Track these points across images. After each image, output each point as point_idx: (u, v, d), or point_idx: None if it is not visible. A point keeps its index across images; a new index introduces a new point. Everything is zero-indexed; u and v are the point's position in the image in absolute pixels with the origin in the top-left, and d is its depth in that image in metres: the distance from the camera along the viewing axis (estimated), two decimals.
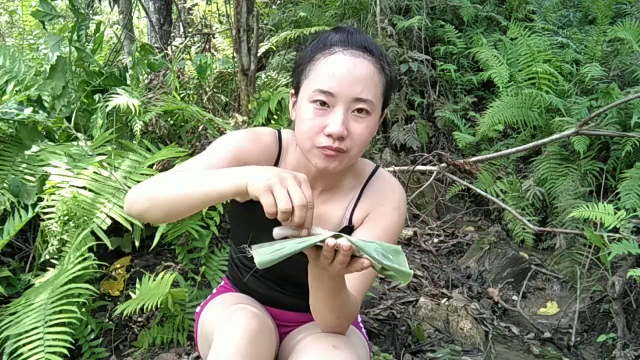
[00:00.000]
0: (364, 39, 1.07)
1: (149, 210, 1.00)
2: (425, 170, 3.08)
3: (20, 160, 2.08)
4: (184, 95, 2.78)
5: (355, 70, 1.02)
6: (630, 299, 2.32)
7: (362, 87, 1.02)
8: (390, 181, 1.23)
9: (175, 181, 0.99)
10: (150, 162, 2.04)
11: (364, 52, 1.04)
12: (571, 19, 4.71)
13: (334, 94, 1.02)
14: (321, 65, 1.04)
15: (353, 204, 1.21)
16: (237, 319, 1.07)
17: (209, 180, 0.93)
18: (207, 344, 1.24)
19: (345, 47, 1.04)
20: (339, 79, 1.02)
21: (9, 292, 1.87)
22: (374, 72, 1.04)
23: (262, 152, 1.17)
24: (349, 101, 1.02)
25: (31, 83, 2.34)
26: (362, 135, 1.05)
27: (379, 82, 1.06)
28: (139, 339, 1.92)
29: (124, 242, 2.09)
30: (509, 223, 3.20)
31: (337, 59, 1.03)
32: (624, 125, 3.09)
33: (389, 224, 1.18)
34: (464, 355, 2.08)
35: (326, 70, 1.03)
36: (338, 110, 1.02)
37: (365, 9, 4.31)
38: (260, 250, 0.87)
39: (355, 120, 1.04)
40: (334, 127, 1.01)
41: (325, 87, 1.02)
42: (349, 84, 1.02)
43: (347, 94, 1.02)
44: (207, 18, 5.17)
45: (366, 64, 1.04)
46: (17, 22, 4.56)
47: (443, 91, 4.33)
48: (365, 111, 1.04)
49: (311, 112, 1.04)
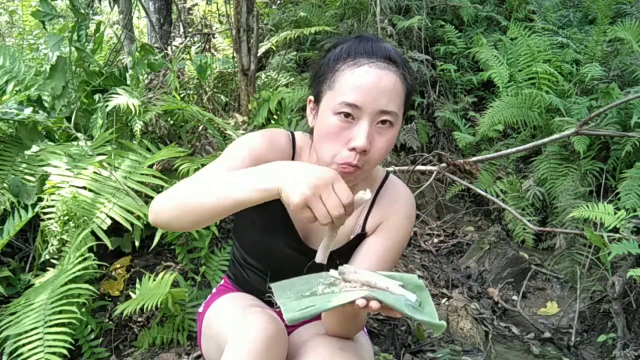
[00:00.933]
0: (387, 48, 1.06)
1: (176, 219, 1.00)
2: (425, 170, 3.08)
3: (20, 160, 2.08)
4: (184, 95, 2.78)
5: (381, 82, 1.02)
6: (630, 299, 2.32)
7: (387, 99, 1.02)
8: (402, 190, 1.24)
9: (202, 189, 0.97)
10: (150, 162, 2.04)
11: (388, 63, 1.04)
12: (571, 19, 4.71)
13: (359, 107, 1.01)
14: (346, 76, 1.03)
15: (366, 211, 1.22)
16: (252, 323, 1.06)
17: (237, 186, 0.92)
18: (213, 345, 1.23)
19: (371, 58, 1.03)
20: (366, 91, 1.01)
21: (9, 292, 1.87)
22: (397, 82, 1.04)
23: (279, 154, 1.16)
24: (374, 114, 1.02)
25: (31, 83, 2.34)
26: (383, 148, 1.05)
27: (402, 92, 1.06)
28: (139, 339, 1.92)
29: (124, 242, 2.09)
30: (509, 223, 3.20)
31: (363, 71, 1.02)
32: (624, 125, 3.09)
33: (400, 234, 1.20)
34: (464, 355, 2.08)
35: (352, 82, 1.02)
36: (363, 123, 1.02)
37: (365, 9, 4.31)
38: (289, 306, 0.87)
39: (379, 132, 1.04)
40: (359, 141, 1.01)
41: (351, 99, 1.01)
42: (375, 96, 1.01)
43: (372, 107, 1.01)
44: (207, 18, 5.17)
45: (391, 75, 1.03)
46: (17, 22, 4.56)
47: (443, 91, 4.33)
48: (389, 122, 1.04)
49: (335, 125, 1.03)
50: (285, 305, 0.88)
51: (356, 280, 0.93)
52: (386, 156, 1.08)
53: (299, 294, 0.92)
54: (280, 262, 1.25)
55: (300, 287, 0.95)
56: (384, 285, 0.92)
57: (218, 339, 1.18)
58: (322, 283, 0.95)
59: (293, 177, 0.86)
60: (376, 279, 0.93)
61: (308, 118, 1.15)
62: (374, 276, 0.94)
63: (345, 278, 0.94)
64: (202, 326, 1.34)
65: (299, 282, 0.97)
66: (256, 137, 1.15)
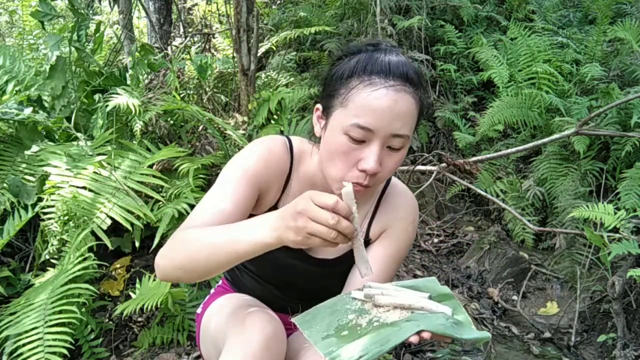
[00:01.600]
0: (403, 65, 1.01)
1: (183, 277, 1.03)
2: (425, 170, 3.08)
3: (20, 160, 2.08)
4: (184, 95, 2.78)
5: (397, 107, 0.98)
6: (630, 299, 2.32)
7: (401, 123, 0.99)
8: (405, 194, 1.23)
9: (202, 249, 0.96)
10: (150, 162, 2.04)
11: (404, 85, 0.99)
12: (571, 19, 4.71)
13: (372, 130, 0.98)
14: (361, 97, 0.98)
15: (370, 217, 1.21)
16: (251, 323, 1.06)
17: (237, 245, 0.92)
18: (212, 345, 1.23)
19: (387, 78, 0.98)
20: (379, 115, 0.97)
21: (9, 292, 1.87)
22: (412, 104, 1.01)
23: (275, 169, 1.14)
24: (387, 137, 0.99)
25: (31, 83, 2.34)
26: (391, 169, 1.03)
27: (416, 113, 1.02)
28: (139, 339, 1.92)
29: (124, 242, 2.09)
30: (509, 223, 3.20)
31: (378, 95, 0.97)
32: (624, 125, 3.09)
33: (405, 239, 1.20)
34: (464, 355, 2.08)
35: (366, 105, 0.97)
36: (374, 146, 0.99)
37: (365, 9, 4.31)
38: (335, 354, 0.81)
39: (389, 155, 1.01)
40: (370, 165, 0.98)
41: (364, 123, 0.97)
42: (388, 120, 0.97)
43: (385, 131, 0.98)
44: (207, 18, 5.17)
45: (407, 97, 0.99)
46: (17, 22, 4.56)
47: (443, 91, 4.33)
48: (400, 145, 1.01)
49: (345, 145, 1.00)
50: (331, 354, 0.82)
51: (387, 304, 0.90)
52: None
53: (332, 329, 0.87)
54: (279, 271, 1.25)
55: (329, 319, 0.90)
56: (418, 305, 0.89)
57: (216, 339, 1.18)
58: (350, 310, 0.91)
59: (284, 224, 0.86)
60: (408, 298, 0.90)
61: (315, 126, 1.12)
62: (404, 296, 0.91)
63: (375, 303, 0.90)
64: (200, 327, 1.34)
65: (323, 312, 0.93)
66: (251, 158, 1.13)
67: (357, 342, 0.83)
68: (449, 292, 0.96)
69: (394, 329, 0.85)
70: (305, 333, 0.88)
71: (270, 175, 1.13)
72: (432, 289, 0.96)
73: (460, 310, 0.92)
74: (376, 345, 0.82)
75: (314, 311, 0.94)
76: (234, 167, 1.12)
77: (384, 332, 0.85)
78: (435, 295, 0.95)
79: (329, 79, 1.07)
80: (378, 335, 0.84)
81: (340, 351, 0.82)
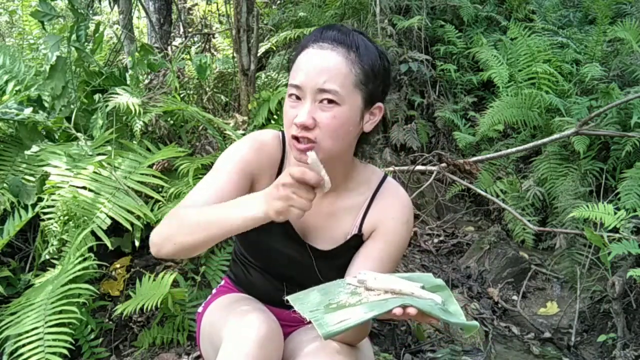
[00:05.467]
0: (338, 32, 1.09)
1: (177, 253, 1.10)
2: (425, 170, 3.08)
3: (20, 160, 2.08)
4: (184, 95, 2.78)
5: (322, 62, 1.06)
6: (630, 299, 2.32)
7: (326, 78, 1.05)
8: (399, 193, 1.24)
9: (196, 224, 1.06)
10: (150, 162, 2.04)
11: (333, 44, 1.07)
12: (571, 19, 4.71)
13: (300, 87, 1.06)
14: (296, 62, 1.10)
15: (363, 212, 1.22)
16: (247, 323, 1.07)
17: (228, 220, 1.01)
18: (211, 346, 1.24)
19: (317, 41, 1.08)
20: (305, 71, 1.07)
21: (9, 292, 1.87)
22: (341, 62, 1.06)
23: (266, 159, 1.21)
24: (314, 92, 1.06)
25: (31, 83, 2.34)
26: (330, 125, 1.06)
27: (350, 73, 1.07)
28: (139, 339, 1.92)
29: (124, 242, 2.08)
30: (509, 223, 3.20)
31: (305, 54, 1.09)
32: (624, 125, 3.09)
33: (398, 239, 1.20)
34: (464, 355, 2.08)
35: (297, 66, 1.09)
36: (306, 101, 1.07)
37: (365, 9, 4.31)
38: (322, 322, 0.87)
39: (322, 109, 1.06)
40: (299, 117, 1.05)
41: (295, 81, 1.07)
42: (313, 75, 1.05)
43: (312, 86, 1.05)
44: (207, 18, 5.17)
45: (334, 55, 1.06)
46: (17, 22, 4.55)
47: (443, 91, 4.33)
48: (331, 101, 1.06)
49: (288, 106, 1.10)
50: (317, 320, 0.87)
51: (379, 288, 0.92)
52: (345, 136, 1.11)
53: (322, 306, 0.91)
54: (281, 261, 1.26)
55: (321, 298, 0.93)
56: (408, 290, 0.91)
57: (214, 339, 1.19)
58: (343, 292, 0.94)
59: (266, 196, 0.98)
60: (399, 284, 0.92)
61: None
62: (395, 281, 0.93)
63: (367, 287, 0.93)
64: (200, 327, 1.35)
65: (317, 293, 0.96)
66: (244, 148, 1.21)
67: (342, 311, 0.89)
68: (443, 284, 0.98)
69: (380, 302, 0.89)
70: (296, 307, 0.92)
71: (260, 163, 1.20)
72: (426, 280, 0.98)
73: (451, 301, 0.93)
74: (359, 313, 0.87)
75: (308, 291, 0.98)
76: (227, 155, 1.21)
77: (369, 305, 0.89)
78: (428, 286, 0.96)
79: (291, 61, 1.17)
80: (363, 306, 0.89)
81: (326, 317, 0.88)
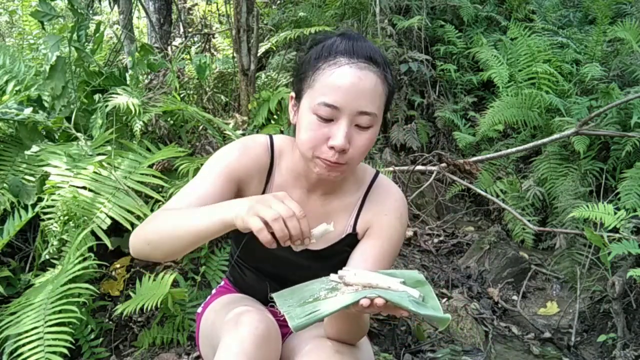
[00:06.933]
0: (368, 47, 1.05)
1: (151, 253, 1.08)
2: (425, 170, 3.08)
3: (20, 160, 2.08)
4: (184, 95, 2.78)
5: (361, 83, 1.01)
6: (630, 299, 2.32)
7: (366, 101, 1.02)
8: (392, 189, 1.24)
9: (167, 224, 1.03)
10: (150, 162, 2.04)
11: (369, 63, 1.03)
12: (571, 19, 4.71)
13: (338, 108, 1.01)
14: (326, 76, 1.03)
15: (356, 211, 1.22)
16: (244, 323, 1.07)
17: (198, 221, 0.98)
18: (210, 345, 1.24)
19: (351, 57, 1.02)
20: (344, 92, 1.01)
21: (9, 292, 1.87)
22: (378, 83, 1.03)
23: (253, 164, 1.18)
24: (353, 115, 1.02)
25: (31, 83, 2.34)
26: (364, 147, 1.05)
27: (382, 93, 1.05)
28: (139, 339, 1.92)
29: (124, 242, 2.08)
30: (509, 223, 3.20)
31: (342, 72, 1.01)
32: (624, 125, 3.09)
33: (393, 234, 1.19)
34: (464, 355, 2.07)
35: (331, 83, 1.01)
36: (342, 123, 1.02)
37: (365, 9, 4.31)
38: (293, 314, 0.88)
39: (358, 133, 1.04)
40: (337, 141, 1.01)
41: (330, 100, 1.01)
42: (353, 97, 1.01)
43: (351, 108, 1.01)
44: (207, 18, 5.17)
45: (371, 76, 1.02)
46: (17, 22, 4.56)
47: (443, 91, 4.33)
48: (368, 123, 1.04)
49: (314, 123, 1.03)
50: (289, 313, 0.88)
51: (357, 283, 0.93)
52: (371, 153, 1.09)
53: (301, 301, 0.92)
54: (275, 262, 1.26)
55: (302, 294, 0.95)
56: (385, 284, 0.92)
57: (212, 339, 1.19)
58: (324, 289, 0.95)
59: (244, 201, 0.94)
60: (377, 279, 0.93)
61: (289, 114, 1.16)
62: (374, 277, 0.94)
63: (345, 282, 0.94)
64: (200, 327, 1.35)
65: (300, 289, 0.97)
66: (232, 152, 1.18)
67: (312, 303, 0.91)
68: (424, 280, 0.98)
69: (351, 295, 0.90)
70: (277, 303, 0.93)
71: (247, 168, 1.17)
72: (408, 276, 0.98)
73: (431, 296, 0.93)
74: (327, 305, 0.89)
75: (294, 288, 0.99)
76: (214, 160, 1.18)
77: (340, 297, 0.91)
78: (409, 282, 0.96)
79: (299, 66, 1.12)
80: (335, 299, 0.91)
81: (297, 310, 0.89)
